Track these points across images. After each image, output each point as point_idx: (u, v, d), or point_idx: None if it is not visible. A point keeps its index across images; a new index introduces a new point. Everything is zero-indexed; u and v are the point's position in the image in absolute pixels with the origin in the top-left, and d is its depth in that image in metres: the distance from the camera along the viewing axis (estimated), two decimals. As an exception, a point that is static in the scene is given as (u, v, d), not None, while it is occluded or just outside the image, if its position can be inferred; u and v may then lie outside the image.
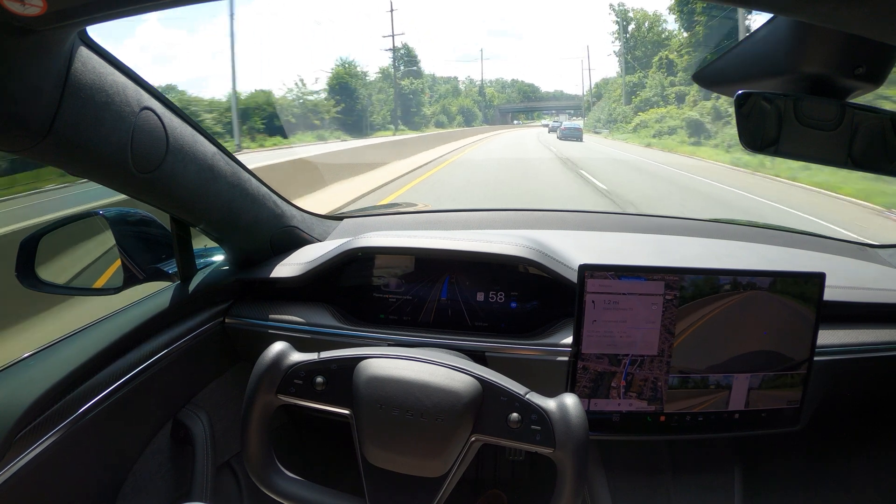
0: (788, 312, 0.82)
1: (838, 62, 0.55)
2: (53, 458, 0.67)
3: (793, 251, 1.18)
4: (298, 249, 1.10)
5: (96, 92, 0.59)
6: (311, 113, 28.71)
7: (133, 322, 0.81)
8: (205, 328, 0.96)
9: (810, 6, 0.38)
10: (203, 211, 0.85)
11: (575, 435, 0.57)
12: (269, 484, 0.62)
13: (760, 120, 0.58)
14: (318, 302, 1.02)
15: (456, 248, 0.96)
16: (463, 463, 0.60)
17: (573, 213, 1.38)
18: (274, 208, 1.03)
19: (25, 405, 0.63)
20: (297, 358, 0.63)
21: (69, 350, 0.73)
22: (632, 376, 0.82)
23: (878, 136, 0.57)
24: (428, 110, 42.37)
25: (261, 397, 0.62)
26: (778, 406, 0.85)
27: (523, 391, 0.61)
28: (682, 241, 1.20)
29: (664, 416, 0.84)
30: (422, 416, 0.59)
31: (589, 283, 0.79)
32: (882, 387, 1.02)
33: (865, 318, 0.97)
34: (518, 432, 0.59)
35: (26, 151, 0.56)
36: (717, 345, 0.82)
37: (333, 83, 31.72)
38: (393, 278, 1.00)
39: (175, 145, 0.73)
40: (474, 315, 0.98)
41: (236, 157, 0.91)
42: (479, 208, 1.42)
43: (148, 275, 0.89)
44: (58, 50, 0.53)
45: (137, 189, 0.72)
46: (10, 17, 0.42)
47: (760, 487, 1.20)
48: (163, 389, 0.87)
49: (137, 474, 0.83)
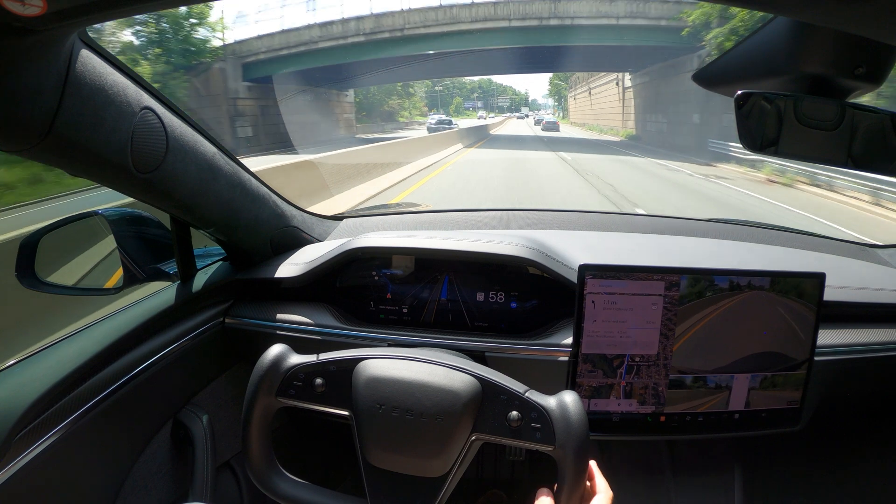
0: (788, 312, 0.82)
1: (838, 62, 0.55)
2: (53, 458, 0.67)
3: (793, 251, 1.18)
4: (298, 249, 1.10)
5: (96, 92, 0.59)
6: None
7: (133, 322, 0.81)
8: (205, 328, 0.96)
9: (810, 6, 0.38)
10: (203, 211, 0.85)
11: (575, 432, 0.57)
12: (271, 487, 0.62)
13: (760, 120, 0.58)
14: (319, 302, 1.02)
15: (456, 249, 0.96)
16: (463, 462, 0.60)
17: (573, 213, 1.39)
18: (274, 208, 1.03)
19: (25, 405, 0.63)
20: (296, 360, 0.63)
21: (69, 350, 0.73)
22: (632, 376, 0.82)
23: (878, 136, 0.57)
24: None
25: (260, 400, 0.62)
26: (778, 406, 0.85)
27: (522, 389, 0.61)
28: (682, 241, 1.20)
29: (664, 417, 0.84)
30: (422, 416, 0.59)
31: (589, 283, 0.79)
32: (882, 387, 1.02)
33: (865, 318, 0.97)
34: (518, 431, 0.59)
35: (26, 151, 0.56)
36: (717, 345, 0.82)
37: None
38: (393, 278, 1.00)
39: (175, 145, 0.73)
40: (474, 315, 0.98)
41: (236, 157, 0.91)
42: (478, 208, 1.42)
43: (148, 275, 0.89)
44: (58, 50, 0.53)
45: (137, 189, 0.72)
46: (10, 17, 0.42)
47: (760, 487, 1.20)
48: (163, 389, 0.87)
49: (137, 474, 0.82)
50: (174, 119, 0.73)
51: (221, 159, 0.85)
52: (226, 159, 0.86)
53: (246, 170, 0.93)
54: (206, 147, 0.81)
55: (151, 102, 0.68)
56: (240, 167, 0.91)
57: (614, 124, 30.07)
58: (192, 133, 0.78)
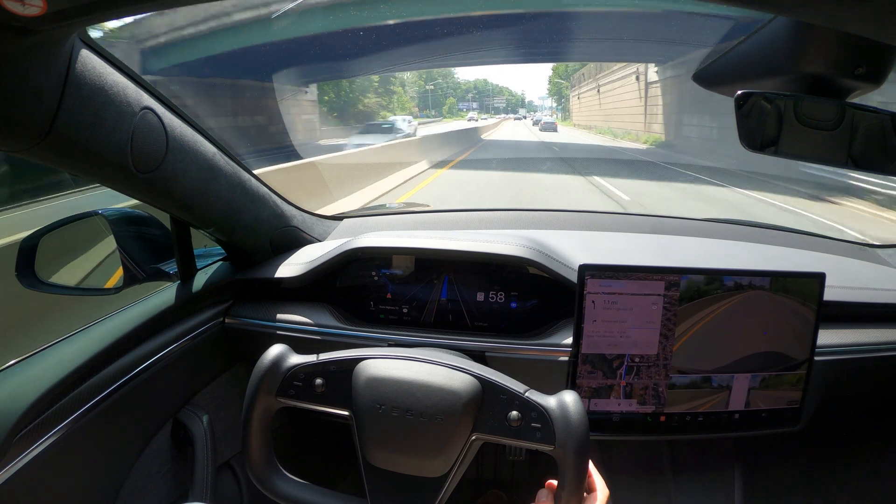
0: (788, 312, 0.82)
1: (838, 62, 0.55)
2: (53, 459, 0.67)
3: (793, 251, 1.18)
4: (299, 249, 1.10)
5: (96, 92, 0.59)
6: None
7: (133, 322, 0.81)
8: (205, 328, 0.96)
9: (810, 6, 0.38)
10: (203, 211, 0.85)
11: (575, 432, 0.57)
12: (272, 487, 0.62)
13: (760, 120, 0.58)
14: (319, 302, 1.02)
15: (456, 248, 0.96)
16: (464, 462, 0.60)
17: (573, 213, 1.39)
18: (274, 208, 1.03)
19: (25, 405, 0.63)
20: (296, 360, 0.63)
21: (69, 350, 0.73)
22: (632, 376, 0.82)
23: (877, 136, 0.57)
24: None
25: (260, 401, 0.62)
26: (778, 406, 0.85)
27: (522, 389, 0.61)
28: (682, 241, 1.20)
29: (664, 416, 0.84)
30: (422, 416, 0.59)
31: (589, 283, 0.79)
32: (882, 387, 1.02)
33: (865, 318, 0.97)
34: (518, 430, 0.59)
35: (26, 151, 0.56)
36: (718, 345, 0.82)
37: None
38: (393, 278, 1.00)
39: (175, 145, 0.73)
40: (474, 315, 0.98)
41: (236, 157, 0.91)
42: (478, 208, 1.42)
43: (148, 275, 0.89)
44: (58, 50, 0.53)
45: (137, 189, 0.72)
46: (10, 17, 0.42)
47: (760, 487, 1.20)
48: (163, 389, 0.87)
49: (137, 474, 0.82)
50: (174, 119, 0.73)
51: (221, 159, 0.85)
52: (226, 159, 0.86)
53: (246, 170, 0.93)
54: (206, 147, 0.81)
55: (151, 102, 0.68)
56: (240, 167, 0.91)
57: (633, 127, 24.22)
58: (192, 133, 0.78)
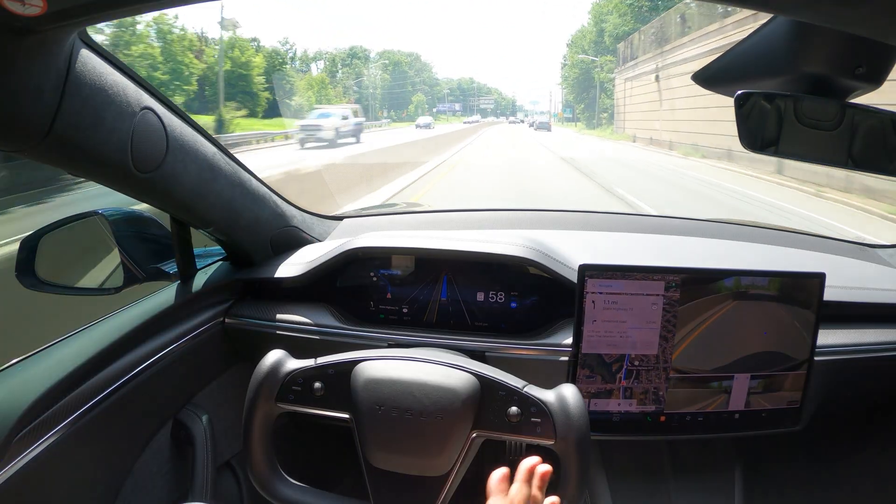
0: (789, 312, 0.82)
1: (838, 62, 0.55)
2: (53, 459, 0.67)
3: (793, 251, 1.18)
4: (299, 249, 1.10)
5: (96, 92, 0.59)
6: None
7: (133, 322, 0.81)
8: (205, 328, 0.95)
9: (810, 6, 0.38)
10: (203, 211, 0.85)
11: (575, 425, 0.57)
12: (274, 492, 0.63)
13: (760, 120, 0.58)
14: (319, 302, 1.02)
15: (456, 249, 0.96)
16: (465, 460, 0.60)
17: (573, 213, 1.38)
18: (274, 208, 1.03)
19: (25, 405, 0.63)
20: (294, 365, 0.63)
21: (69, 350, 0.73)
22: (631, 380, 0.82)
23: (878, 136, 0.57)
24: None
25: (260, 407, 0.62)
26: (778, 406, 0.85)
27: (521, 384, 0.61)
28: (682, 241, 1.20)
29: (664, 417, 0.84)
30: (421, 416, 0.59)
31: (589, 283, 0.79)
32: (882, 387, 1.01)
33: (865, 318, 0.97)
34: (518, 426, 0.59)
35: (26, 151, 0.56)
36: (718, 345, 0.82)
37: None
38: (393, 278, 1.00)
39: (175, 145, 0.73)
40: (474, 315, 0.98)
41: (236, 157, 0.91)
42: (478, 208, 1.42)
43: (148, 275, 0.88)
44: (58, 50, 0.53)
45: (137, 189, 0.72)
46: (10, 17, 0.42)
47: (760, 488, 1.20)
48: (163, 389, 0.87)
49: (137, 474, 0.82)
50: (174, 119, 0.73)
51: (221, 159, 0.85)
52: (226, 159, 0.86)
53: (246, 169, 0.93)
54: (206, 147, 0.81)
55: (151, 102, 0.68)
56: (240, 167, 0.91)
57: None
58: (192, 133, 0.78)
